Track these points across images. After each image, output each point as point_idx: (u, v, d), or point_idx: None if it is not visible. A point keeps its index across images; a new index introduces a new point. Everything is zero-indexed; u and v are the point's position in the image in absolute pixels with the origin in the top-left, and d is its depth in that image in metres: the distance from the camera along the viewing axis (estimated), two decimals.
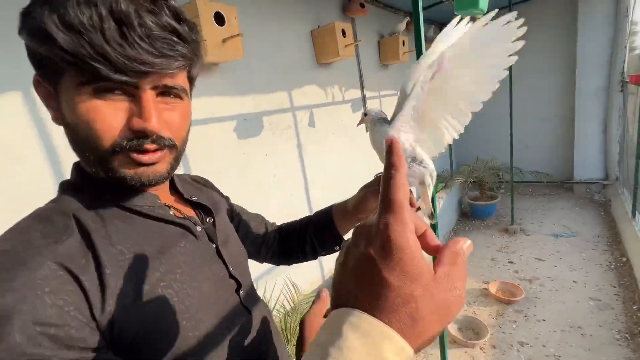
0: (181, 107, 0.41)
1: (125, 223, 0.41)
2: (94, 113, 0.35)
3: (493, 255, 3.07)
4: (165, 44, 0.35)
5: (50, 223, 0.36)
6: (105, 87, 0.35)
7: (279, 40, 1.82)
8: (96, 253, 0.36)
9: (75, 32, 0.32)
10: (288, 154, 1.92)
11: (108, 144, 0.36)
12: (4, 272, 0.31)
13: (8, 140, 0.93)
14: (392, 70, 3.03)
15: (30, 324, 0.29)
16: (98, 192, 0.41)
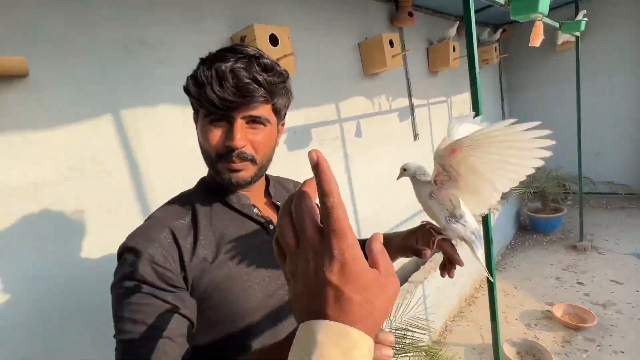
0: (264, 131, 0.58)
1: (222, 213, 0.60)
2: (208, 134, 0.55)
3: (558, 274, 2.79)
4: (247, 90, 0.52)
5: (181, 205, 0.60)
6: (215, 117, 0.55)
7: (327, 55, 1.88)
8: (197, 230, 0.56)
9: (199, 87, 0.53)
10: (335, 165, 1.96)
11: (214, 154, 0.56)
12: (148, 230, 0.54)
13: (100, 156, 1.09)
14: (441, 77, 2.94)
15: (149, 261, 0.50)
16: (213, 189, 0.62)
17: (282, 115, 0.64)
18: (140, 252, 0.51)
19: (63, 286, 1.00)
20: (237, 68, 0.52)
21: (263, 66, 0.54)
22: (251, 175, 0.58)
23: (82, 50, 1.05)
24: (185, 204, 0.60)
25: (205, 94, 0.52)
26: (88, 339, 1.04)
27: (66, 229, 1.02)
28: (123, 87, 1.14)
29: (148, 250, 0.51)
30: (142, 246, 0.51)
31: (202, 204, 0.60)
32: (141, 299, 0.48)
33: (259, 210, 0.64)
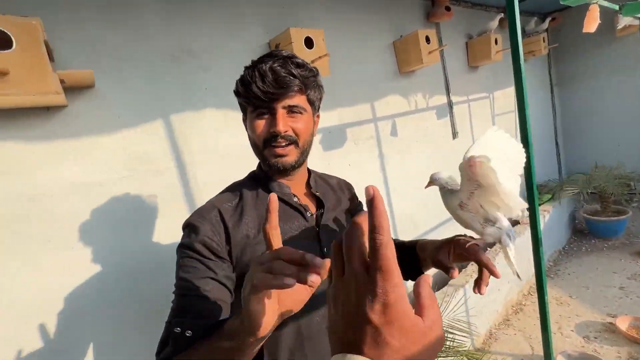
0: (302, 119, 0.67)
1: (266, 199, 0.65)
2: (256, 126, 0.65)
3: (622, 284, 2.51)
4: (284, 82, 0.62)
5: (231, 192, 0.71)
6: (260, 112, 0.65)
7: (361, 55, 1.88)
8: (243, 211, 0.66)
9: (244, 85, 0.64)
10: (370, 164, 1.95)
11: (260, 142, 0.66)
12: (202, 210, 0.66)
13: (152, 156, 1.19)
14: (482, 72, 2.80)
15: (200, 234, 0.61)
16: (259, 179, 0.72)
17: (317, 107, 0.73)
18: (194, 226, 0.62)
19: (123, 274, 1.11)
20: (275, 66, 0.61)
21: (296, 64, 0.64)
22: (295, 160, 0.67)
23: (137, 61, 1.16)
24: (235, 190, 0.71)
25: (251, 90, 0.61)
26: (145, 318, 1.14)
27: (124, 223, 1.13)
28: (172, 93, 1.24)
29: (200, 225, 0.62)
30: (196, 222, 0.63)
31: (249, 190, 0.70)
32: (190, 262, 0.59)
33: (298, 198, 0.72)
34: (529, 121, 1.10)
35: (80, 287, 1.04)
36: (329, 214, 0.75)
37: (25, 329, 0.96)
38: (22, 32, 0.81)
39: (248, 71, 0.63)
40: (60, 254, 1.01)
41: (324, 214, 0.73)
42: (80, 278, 1.05)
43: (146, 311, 1.15)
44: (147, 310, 1.15)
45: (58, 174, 1.02)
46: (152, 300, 1.16)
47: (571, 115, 4.05)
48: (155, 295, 1.17)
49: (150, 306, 1.16)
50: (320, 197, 0.75)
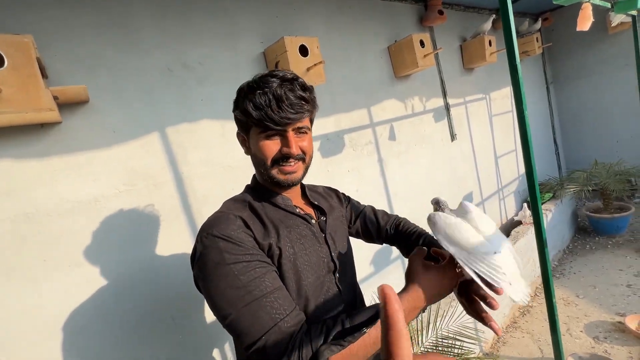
0: (307, 138, 0.70)
1: (273, 210, 0.70)
2: (265, 147, 0.66)
3: (629, 281, 2.48)
4: (299, 107, 0.64)
5: (239, 203, 0.70)
6: (270, 133, 0.65)
7: (357, 61, 1.89)
8: (260, 217, 0.67)
9: (259, 109, 0.63)
10: (369, 169, 1.93)
11: (270, 162, 0.67)
12: (223, 219, 0.63)
13: (150, 171, 1.18)
14: (477, 73, 2.81)
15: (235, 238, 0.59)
16: (260, 193, 0.73)
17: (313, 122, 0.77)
18: (224, 235, 0.59)
19: (120, 291, 1.09)
20: (287, 91, 0.63)
21: (301, 86, 0.66)
22: (302, 175, 0.71)
23: (131, 76, 1.16)
24: (242, 202, 0.71)
25: (266, 114, 0.62)
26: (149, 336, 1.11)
27: (124, 239, 1.11)
28: (168, 106, 1.24)
29: (229, 232, 0.59)
30: (224, 231, 0.60)
31: (255, 202, 0.70)
32: (245, 268, 0.56)
33: (300, 209, 0.75)
34: (528, 121, 1.09)
35: (80, 306, 1.02)
36: (331, 220, 0.79)
37: (23, 350, 0.93)
38: (14, 50, 0.80)
39: (259, 94, 0.62)
40: (57, 273, 0.99)
41: (327, 220, 0.78)
42: (80, 297, 1.03)
43: (149, 328, 1.13)
44: (150, 326, 1.13)
45: (54, 191, 1.00)
46: (155, 316, 1.14)
47: (568, 112, 4.06)
48: (158, 311, 1.15)
49: (153, 322, 1.13)
50: (320, 206, 0.80)
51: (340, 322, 0.55)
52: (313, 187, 0.91)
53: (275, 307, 0.55)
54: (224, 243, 0.58)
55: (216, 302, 0.56)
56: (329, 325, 0.55)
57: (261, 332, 0.53)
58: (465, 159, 2.64)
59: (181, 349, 1.19)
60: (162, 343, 1.15)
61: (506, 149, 3.15)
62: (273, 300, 0.55)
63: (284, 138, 0.66)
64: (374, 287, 1.82)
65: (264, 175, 0.69)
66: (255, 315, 0.53)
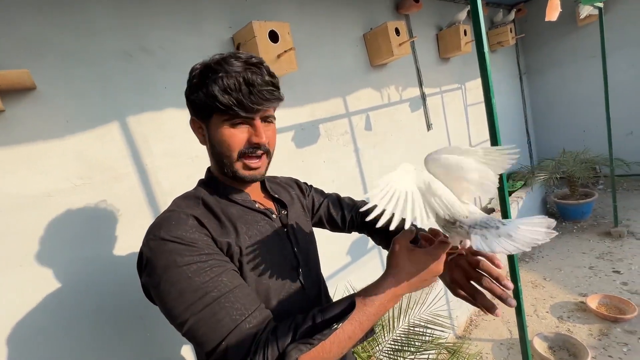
0: (273, 127, 0.66)
1: (229, 206, 0.65)
2: (231, 137, 0.60)
3: (592, 263, 2.62)
4: (269, 93, 0.59)
5: (190, 200, 0.64)
6: (237, 121, 0.60)
7: (331, 49, 1.84)
8: (216, 214, 0.61)
9: (228, 94, 0.57)
10: (346, 160, 1.92)
11: (236, 153, 0.61)
12: (173, 219, 0.56)
13: (109, 163, 1.11)
14: (454, 63, 2.83)
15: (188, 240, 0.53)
16: (215, 188, 0.67)
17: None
18: (173, 236, 0.53)
19: (80, 290, 1.03)
20: (255, 75, 0.58)
21: (267, 71, 0.61)
22: (264, 170, 0.66)
23: (85, 61, 1.07)
24: (194, 199, 0.64)
25: (237, 100, 0.57)
26: (103, 340, 1.06)
27: (82, 235, 1.04)
28: (128, 94, 1.16)
29: (179, 233, 0.54)
30: (173, 232, 0.54)
31: (209, 198, 0.65)
32: (199, 269, 0.51)
33: (260, 204, 0.70)
34: (496, 111, 1.09)
35: (36, 308, 0.96)
36: (292, 214, 0.76)
37: None
38: None
39: (225, 77, 0.56)
40: (8, 272, 0.92)
41: (288, 213, 0.74)
42: (35, 298, 0.96)
43: (115, 328, 1.08)
44: (116, 327, 1.08)
45: (1, 186, 0.92)
46: (121, 316, 1.09)
47: (540, 103, 4.19)
48: (125, 311, 1.10)
49: (119, 322, 1.08)
50: (281, 199, 0.76)
51: (311, 318, 0.50)
52: (273, 178, 0.86)
53: (236, 307, 0.50)
54: (173, 245, 0.52)
55: (171, 310, 0.50)
56: (298, 322, 0.50)
57: (221, 335, 0.48)
58: None
59: (150, 347, 1.15)
60: (129, 343, 1.11)
61: (481, 138, 3.22)
62: (233, 300, 0.51)
63: (252, 127, 0.60)
64: (351, 277, 1.83)
65: (225, 168, 0.63)
66: (214, 319, 0.49)
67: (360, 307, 0.51)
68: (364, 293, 0.53)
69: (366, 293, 0.53)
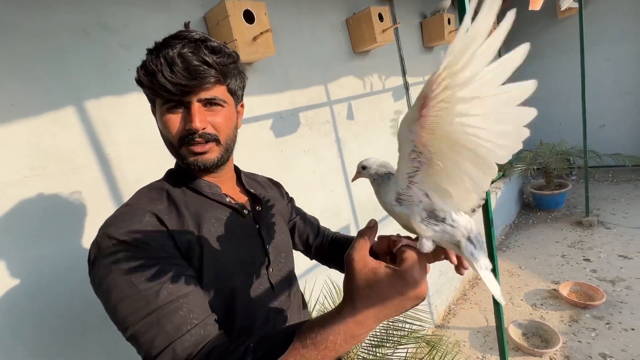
0: (223, 112, 0.59)
1: (196, 199, 0.61)
2: (168, 122, 0.56)
3: (564, 252, 2.72)
4: (197, 72, 0.52)
5: (154, 192, 0.59)
6: (172, 105, 0.55)
7: (312, 33, 1.76)
8: (178, 209, 0.57)
9: (150, 75, 0.53)
10: (327, 150, 1.87)
11: (176, 140, 0.57)
12: (128, 216, 0.53)
13: (65, 152, 1.01)
14: (437, 53, 2.80)
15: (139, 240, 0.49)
16: (182, 179, 0.62)
17: (239, 96, 0.66)
18: (123, 236, 0.49)
19: (34, 291, 0.94)
20: (185, 53, 0.52)
21: (211, 49, 0.55)
22: (217, 157, 0.59)
23: (33, 37, 0.95)
24: (159, 191, 0.60)
25: (157, 81, 0.52)
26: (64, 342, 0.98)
27: (37, 230, 0.95)
28: (86, 76, 1.05)
29: (130, 232, 0.49)
30: (123, 230, 0.50)
31: (175, 190, 0.60)
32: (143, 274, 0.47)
33: (231, 198, 0.66)
34: None
35: None
36: (266, 210, 0.72)
37: None
38: None
39: (151, 58, 0.53)
40: None
41: (261, 210, 0.70)
42: None
43: (71, 330, 1.00)
44: (73, 329, 1.00)
45: None
46: (79, 317, 1.01)
47: None
48: (83, 311, 1.02)
49: (81, 323, 1.00)
50: (255, 194, 0.71)
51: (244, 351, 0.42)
52: (252, 175, 0.83)
53: (174, 321, 0.45)
54: (121, 246, 0.48)
55: (112, 315, 0.47)
56: (230, 352, 0.43)
57: (155, 351, 0.44)
58: None
59: (117, 349, 1.08)
60: (92, 346, 1.03)
61: None
62: (172, 313, 0.45)
63: (188, 110, 0.55)
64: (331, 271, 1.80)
65: (174, 156, 0.60)
66: (150, 333, 0.45)
67: (297, 350, 0.38)
68: (308, 330, 0.39)
69: (310, 330, 0.39)
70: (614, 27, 3.46)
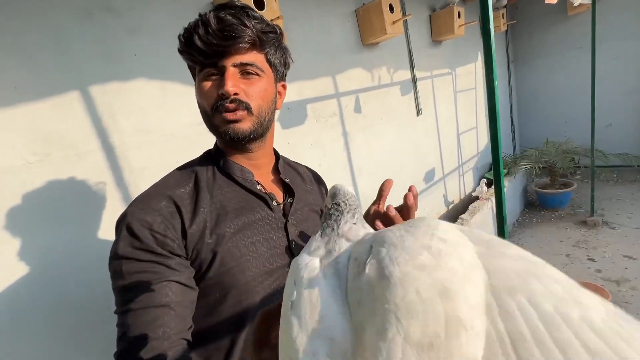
0: (258, 82, 0.56)
1: (225, 185, 0.59)
2: (203, 89, 0.55)
3: (568, 251, 2.70)
4: (231, 30, 0.50)
5: (184, 173, 0.59)
6: (209, 72, 0.54)
7: (320, 23, 1.72)
8: (198, 198, 0.55)
9: (186, 39, 0.53)
10: (333, 143, 1.83)
11: (210, 107, 0.55)
12: (148, 199, 0.53)
13: (69, 138, 0.98)
14: (445, 47, 2.75)
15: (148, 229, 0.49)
16: (217, 160, 0.61)
17: (280, 73, 0.63)
18: (139, 220, 0.50)
19: (36, 282, 0.92)
20: (223, 15, 0.51)
21: (252, 16, 0.53)
22: (250, 128, 0.56)
23: (34, 18, 0.92)
24: (189, 173, 0.59)
25: (193, 43, 0.51)
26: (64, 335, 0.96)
27: (36, 220, 0.92)
28: (90, 60, 1.02)
29: (146, 218, 0.50)
30: (140, 214, 0.50)
31: (205, 173, 0.59)
32: (140, 265, 0.48)
33: (262, 187, 0.62)
34: (497, 92, 1.04)
35: None
36: (299, 204, 0.65)
37: None
38: None
39: (190, 22, 0.53)
40: None
41: (293, 203, 0.64)
42: None
43: (73, 321, 0.97)
44: (74, 320, 0.98)
45: None
46: (82, 307, 0.99)
47: (526, 92, 4.22)
48: (86, 301, 0.99)
49: (79, 315, 0.98)
50: (290, 185, 0.66)
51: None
52: (294, 163, 0.78)
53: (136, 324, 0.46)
54: (127, 230, 0.50)
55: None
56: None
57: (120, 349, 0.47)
58: (428, 135, 2.64)
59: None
60: (94, 337, 1.01)
61: (467, 126, 3.21)
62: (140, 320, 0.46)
63: (222, 77, 0.54)
64: None
65: (209, 128, 0.59)
66: (122, 329, 0.47)
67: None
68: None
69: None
70: (622, 25, 3.41)
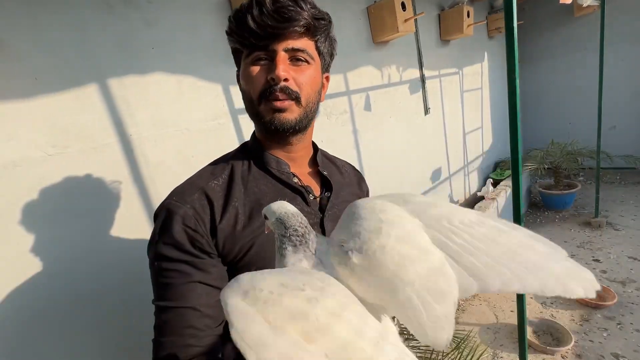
0: (308, 70, 0.54)
1: (260, 177, 0.58)
2: (251, 74, 0.53)
3: (573, 252, 2.70)
4: (287, 12, 0.48)
5: (218, 167, 0.58)
6: (257, 57, 0.52)
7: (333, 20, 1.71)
8: (231, 192, 0.54)
9: (238, 19, 0.50)
10: (344, 140, 1.83)
11: (256, 95, 0.53)
12: (183, 191, 0.53)
13: (87, 130, 0.97)
14: (453, 47, 2.75)
15: (181, 223, 0.49)
16: (253, 152, 0.60)
17: (327, 64, 0.61)
18: (173, 213, 0.50)
19: (50, 272, 0.91)
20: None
21: (307, 1, 0.52)
22: (296, 118, 0.54)
23: (56, 10, 0.91)
24: (224, 165, 0.58)
25: (245, 24, 0.49)
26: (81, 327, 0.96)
27: (53, 212, 0.92)
28: (109, 53, 1.01)
29: (180, 212, 0.50)
30: (175, 207, 0.51)
31: (241, 166, 0.58)
32: (171, 264, 0.48)
33: (299, 179, 0.60)
34: (518, 89, 1.04)
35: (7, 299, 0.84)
36: (337, 200, 0.62)
37: None
38: None
39: (243, 3, 0.51)
40: None
41: (330, 198, 0.61)
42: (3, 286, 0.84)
43: (89, 314, 0.97)
44: (91, 312, 0.97)
45: None
46: (98, 296, 0.98)
47: (531, 92, 4.22)
48: (101, 290, 0.99)
49: (94, 307, 0.98)
50: (328, 178, 0.63)
51: None
52: (332, 157, 0.75)
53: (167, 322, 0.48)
54: (162, 223, 0.51)
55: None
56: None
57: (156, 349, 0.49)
58: (435, 134, 2.64)
59: (133, 334, 1.06)
60: (109, 330, 1.01)
61: (473, 125, 3.21)
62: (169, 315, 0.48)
63: (271, 62, 0.52)
64: None
65: (252, 116, 0.57)
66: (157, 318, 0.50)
67: None
68: None
69: None
70: (629, 27, 3.41)
